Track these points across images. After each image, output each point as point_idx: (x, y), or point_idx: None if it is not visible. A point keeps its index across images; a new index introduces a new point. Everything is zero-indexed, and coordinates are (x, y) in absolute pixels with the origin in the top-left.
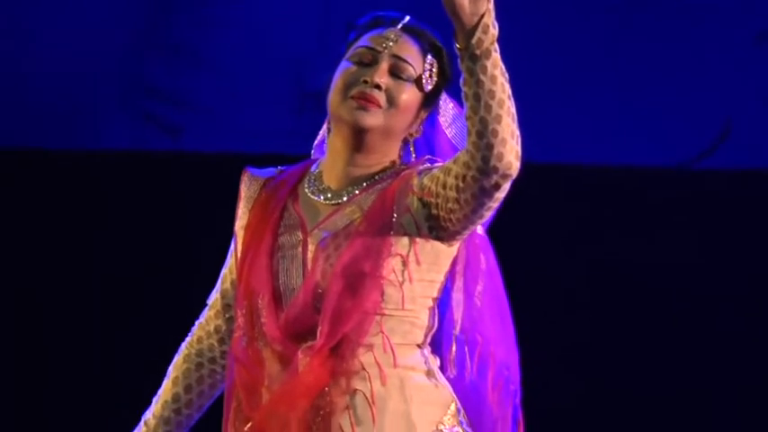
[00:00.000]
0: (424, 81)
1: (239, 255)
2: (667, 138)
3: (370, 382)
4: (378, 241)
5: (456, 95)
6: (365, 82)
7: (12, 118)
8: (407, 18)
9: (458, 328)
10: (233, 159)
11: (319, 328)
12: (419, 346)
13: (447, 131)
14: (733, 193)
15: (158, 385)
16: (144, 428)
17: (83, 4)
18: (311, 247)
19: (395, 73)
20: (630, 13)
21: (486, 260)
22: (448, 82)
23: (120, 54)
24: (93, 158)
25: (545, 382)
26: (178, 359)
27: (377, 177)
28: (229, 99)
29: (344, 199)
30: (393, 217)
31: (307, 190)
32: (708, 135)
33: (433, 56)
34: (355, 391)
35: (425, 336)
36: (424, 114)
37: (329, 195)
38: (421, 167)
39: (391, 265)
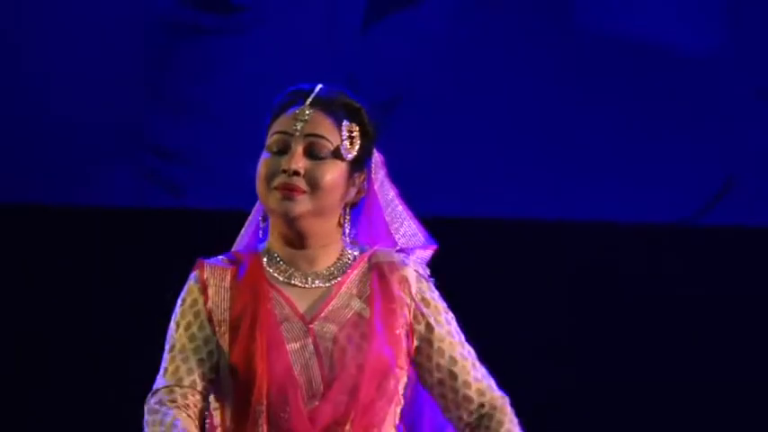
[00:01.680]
0: (343, 152)
1: (236, 347)
2: (667, 194)
3: None
4: (392, 334)
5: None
6: (284, 171)
7: (12, 173)
8: (318, 88)
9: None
10: (235, 216)
11: (350, 420)
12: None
13: (381, 199)
14: (734, 249)
15: None
16: None
17: (83, 60)
18: (328, 342)
19: (311, 153)
20: (630, 69)
21: None
22: (374, 139)
23: (121, 110)
24: (93, 215)
25: None
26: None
27: (349, 258)
28: (232, 155)
29: (327, 284)
30: (399, 311)
31: (278, 275)
32: (709, 191)
33: (350, 120)
34: None
35: None
36: (359, 178)
37: (306, 279)
38: (411, 271)
39: (403, 356)
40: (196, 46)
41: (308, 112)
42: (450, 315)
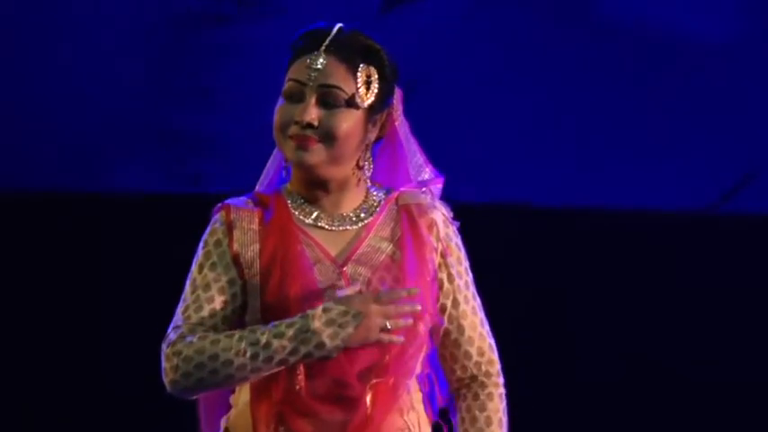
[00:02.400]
0: (358, 99)
1: (268, 290)
2: (690, 181)
3: (419, 420)
4: (423, 279)
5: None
6: (297, 122)
7: (32, 161)
8: (334, 31)
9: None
10: None
11: (385, 365)
12: None
13: (402, 135)
14: (757, 237)
15: None
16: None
17: (102, 46)
18: (361, 286)
19: (325, 103)
20: (649, 58)
21: None
22: (394, 79)
23: (141, 97)
24: (113, 202)
25: None
26: (194, 340)
27: (375, 200)
28: (252, 142)
29: (355, 227)
30: (427, 255)
31: (303, 218)
32: (731, 178)
33: (367, 63)
34: (407, 428)
35: None
36: (380, 119)
37: (332, 221)
38: (439, 214)
39: (431, 302)
40: (216, 33)
41: (321, 59)
42: (468, 264)
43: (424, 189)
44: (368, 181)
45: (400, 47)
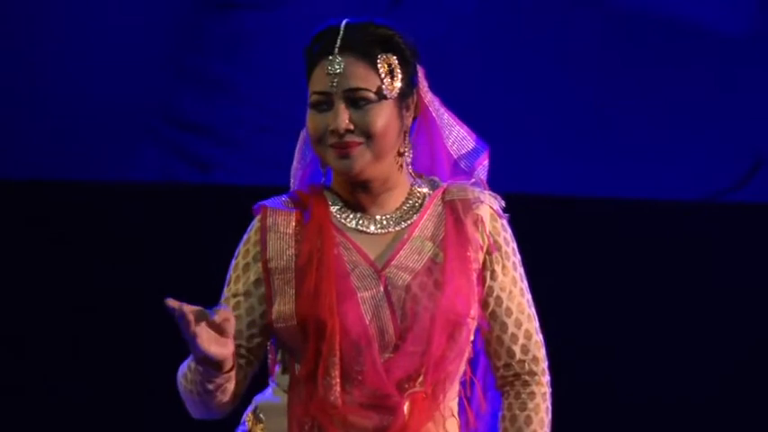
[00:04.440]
0: (386, 91)
1: (303, 296)
2: (697, 170)
3: (458, 428)
4: (466, 282)
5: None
6: (333, 131)
7: (41, 149)
8: (342, 28)
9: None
10: (265, 192)
11: (422, 373)
12: None
13: (433, 112)
14: (763, 226)
15: None
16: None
17: (114, 36)
18: (400, 291)
19: (355, 104)
20: (662, 46)
21: None
22: (414, 60)
23: (150, 86)
24: (121, 191)
25: None
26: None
27: (419, 196)
28: (261, 131)
29: (398, 227)
30: (473, 255)
31: (344, 220)
32: (739, 168)
33: (385, 51)
34: None
35: None
36: (412, 102)
37: (375, 224)
38: (486, 208)
39: (475, 304)
40: (227, 21)
41: (338, 62)
42: (518, 258)
43: (473, 180)
44: (410, 171)
45: (413, 36)
